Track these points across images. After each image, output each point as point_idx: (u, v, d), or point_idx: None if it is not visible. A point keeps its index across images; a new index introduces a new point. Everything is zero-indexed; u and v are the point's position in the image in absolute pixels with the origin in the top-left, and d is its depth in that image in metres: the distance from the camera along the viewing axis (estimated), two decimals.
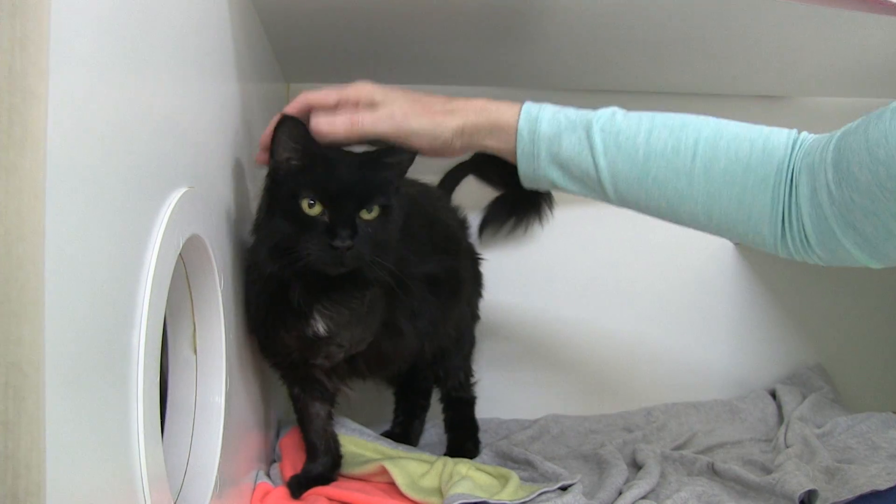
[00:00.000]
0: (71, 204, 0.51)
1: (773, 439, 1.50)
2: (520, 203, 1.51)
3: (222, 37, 1.00)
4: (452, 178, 1.53)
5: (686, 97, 1.76)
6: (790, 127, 0.93)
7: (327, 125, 1.00)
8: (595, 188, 0.99)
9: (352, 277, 1.01)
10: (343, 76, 1.60)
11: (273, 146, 0.99)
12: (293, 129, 0.97)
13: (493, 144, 1.03)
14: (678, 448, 1.45)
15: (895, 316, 1.86)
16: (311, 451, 1.20)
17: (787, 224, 0.89)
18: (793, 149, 0.90)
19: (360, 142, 1.04)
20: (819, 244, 0.87)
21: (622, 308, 1.77)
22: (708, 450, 1.46)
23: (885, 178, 0.75)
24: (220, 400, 0.90)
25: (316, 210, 0.96)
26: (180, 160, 0.78)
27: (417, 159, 1.05)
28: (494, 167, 1.61)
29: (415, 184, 1.28)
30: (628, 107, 1.71)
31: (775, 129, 0.93)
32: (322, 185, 0.96)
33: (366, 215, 0.98)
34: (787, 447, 1.38)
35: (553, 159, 1.00)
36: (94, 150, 0.55)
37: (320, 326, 1.03)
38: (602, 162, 0.96)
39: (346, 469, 1.23)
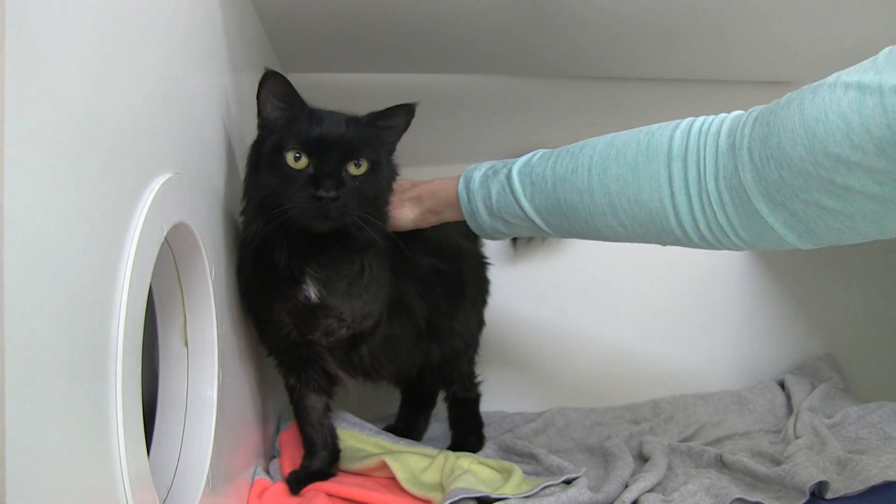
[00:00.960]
0: (34, 187, 0.49)
1: (782, 430, 1.47)
2: None
3: (213, 24, 0.98)
4: None
5: (695, 83, 1.74)
6: None
7: None
8: (532, 227, 1.03)
9: (342, 238, 0.99)
10: (341, 65, 1.60)
11: (259, 103, 0.99)
12: (277, 84, 0.97)
13: (451, 216, 1.11)
14: (686, 440, 1.43)
15: None
16: (308, 446, 1.18)
17: (696, 213, 0.87)
18: (683, 138, 0.88)
19: None
20: (742, 226, 0.85)
21: (629, 299, 1.75)
22: (716, 441, 1.43)
23: (821, 156, 0.72)
24: (213, 393, 0.88)
25: (301, 163, 0.95)
26: (165, 145, 0.76)
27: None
28: None
29: None
30: (639, 96, 1.72)
31: (664, 124, 0.92)
32: (307, 137, 0.95)
33: (353, 170, 0.97)
34: (797, 438, 1.36)
35: (489, 211, 1.05)
36: (62, 131, 0.53)
37: (311, 291, 1.01)
38: (524, 201, 1.01)
39: (345, 464, 1.21)
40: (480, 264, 1.44)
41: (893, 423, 1.41)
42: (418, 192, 1.10)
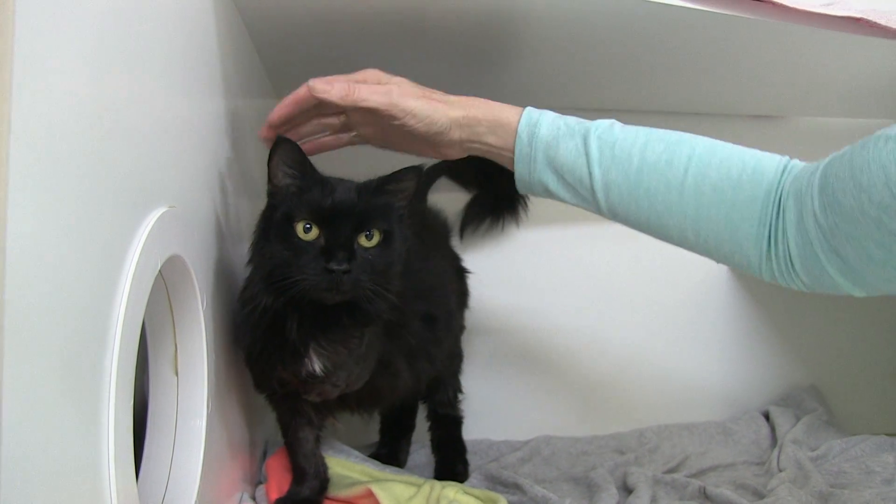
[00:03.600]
0: (34, 223, 0.50)
1: (766, 462, 1.48)
2: (495, 203, 1.55)
3: (208, 52, 0.99)
4: (426, 181, 1.53)
5: (678, 116, 1.76)
6: (784, 147, 0.92)
7: (324, 84, 0.98)
8: (587, 197, 0.99)
9: (351, 312, 0.97)
10: None
11: (269, 170, 0.97)
12: (289, 151, 0.95)
13: (492, 141, 1.03)
14: (670, 471, 1.44)
15: (889, 337, 1.85)
16: (298, 474, 1.18)
17: (772, 247, 0.89)
18: (783, 173, 0.90)
19: (353, 107, 1.02)
20: (804, 270, 0.86)
21: (616, 328, 1.76)
22: (700, 473, 1.44)
23: (867, 204, 0.75)
24: (202, 423, 0.88)
25: (312, 234, 0.92)
26: (160, 179, 0.77)
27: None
28: (467, 168, 1.61)
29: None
30: None
31: (767, 154, 0.93)
32: (318, 208, 0.93)
33: (365, 242, 0.94)
34: (781, 471, 1.37)
35: (549, 164, 1.00)
36: (60, 167, 0.54)
37: (316, 366, 0.99)
38: (596, 170, 0.96)
39: (332, 491, 1.21)
40: (460, 271, 1.46)
41: (875, 456, 1.43)
42: (454, 98, 1.05)
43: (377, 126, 1.06)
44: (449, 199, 1.57)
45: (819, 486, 1.25)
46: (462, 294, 1.45)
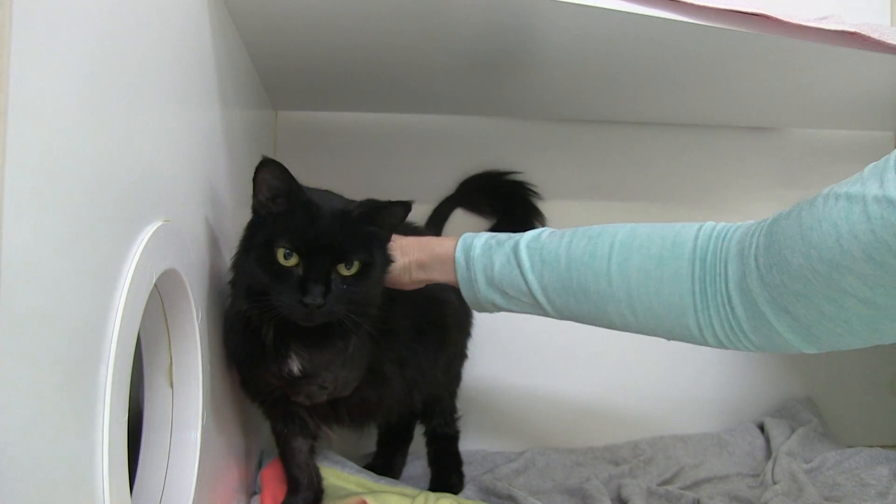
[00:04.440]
0: (30, 238, 0.50)
1: (760, 474, 1.49)
2: (513, 229, 1.54)
3: (204, 65, 0.99)
4: (441, 214, 1.54)
5: (675, 128, 1.77)
6: (780, 158, 0.93)
7: None
8: (533, 304, 1.03)
9: (328, 326, 0.98)
10: (332, 105, 1.61)
11: (254, 186, 0.97)
12: (275, 171, 0.95)
13: (438, 277, 1.08)
14: (665, 482, 1.44)
15: (883, 349, 1.85)
16: (292, 485, 1.18)
17: (711, 313, 0.89)
18: (697, 238, 0.91)
19: None
20: (752, 330, 0.87)
21: (610, 339, 1.75)
22: (695, 484, 1.44)
23: (816, 261, 0.76)
24: (196, 435, 0.89)
25: (291, 262, 0.93)
26: (155, 193, 0.77)
27: (420, 198, 1.04)
28: (481, 197, 1.63)
29: (406, 227, 1.25)
30: (618, 139, 1.75)
31: (686, 224, 0.95)
32: (299, 236, 0.93)
33: (344, 270, 0.95)
34: (775, 483, 1.37)
35: (489, 282, 1.04)
36: (56, 181, 0.54)
37: (295, 367, 1.00)
38: (530, 276, 1.00)
39: (326, 502, 1.21)
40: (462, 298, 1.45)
41: (870, 469, 1.43)
42: (400, 244, 1.08)
43: None
44: (468, 226, 1.59)
45: (813, 498, 1.25)
46: (465, 315, 1.45)
